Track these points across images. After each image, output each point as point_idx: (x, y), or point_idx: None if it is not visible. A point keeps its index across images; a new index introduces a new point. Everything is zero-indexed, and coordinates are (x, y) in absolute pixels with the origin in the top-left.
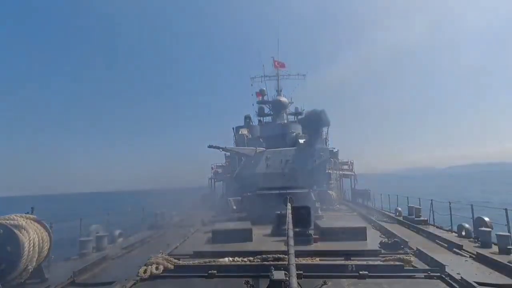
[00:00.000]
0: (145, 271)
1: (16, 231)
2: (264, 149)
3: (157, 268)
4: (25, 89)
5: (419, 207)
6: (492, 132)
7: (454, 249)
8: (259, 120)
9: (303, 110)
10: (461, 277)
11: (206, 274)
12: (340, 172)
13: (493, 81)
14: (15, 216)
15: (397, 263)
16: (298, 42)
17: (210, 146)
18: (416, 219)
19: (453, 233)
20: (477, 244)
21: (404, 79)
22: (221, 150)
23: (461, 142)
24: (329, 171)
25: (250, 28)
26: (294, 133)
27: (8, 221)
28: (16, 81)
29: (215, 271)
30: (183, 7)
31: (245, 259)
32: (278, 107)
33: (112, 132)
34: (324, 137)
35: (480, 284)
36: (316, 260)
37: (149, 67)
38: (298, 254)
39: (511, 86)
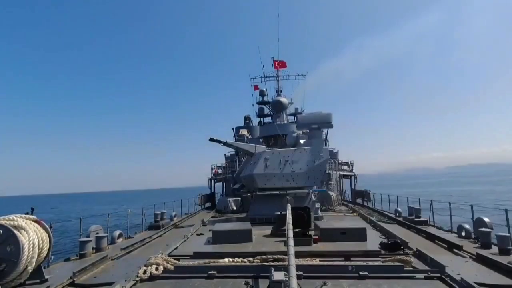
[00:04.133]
0: (144, 272)
1: (15, 231)
2: (264, 147)
3: (156, 269)
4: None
5: (419, 207)
6: (490, 133)
7: (454, 250)
8: (259, 121)
9: (303, 110)
10: (461, 277)
11: (206, 275)
12: (340, 172)
13: (493, 83)
14: (15, 216)
15: (397, 263)
16: (300, 38)
17: (211, 140)
18: (416, 219)
19: (453, 234)
20: (477, 245)
21: (406, 78)
22: (221, 144)
23: (459, 142)
24: (329, 172)
25: (250, 27)
26: (295, 134)
27: (7, 222)
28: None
29: (215, 272)
30: (183, 7)
31: (245, 260)
32: (278, 107)
33: (113, 135)
34: (324, 137)
35: (480, 284)
36: (316, 261)
37: (148, 67)
38: (298, 255)
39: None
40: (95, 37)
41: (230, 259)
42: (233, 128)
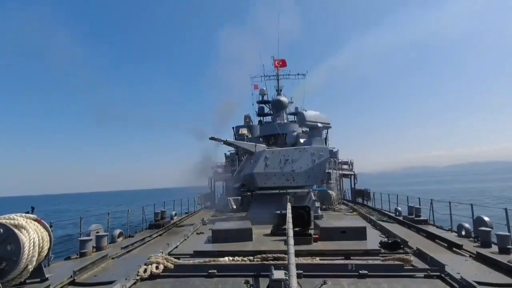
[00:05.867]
0: (145, 271)
1: (16, 230)
2: (264, 146)
3: (157, 268)
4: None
5: (419, 206)
6: (491, 131)
7: (454, 249)
8: (259, 120)
9: (303, 109)
10: (461, 276)
11: (206, 274)
12: (340, 171)
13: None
14: (15, 215)
15: (397, 262)
16: (301, 36)
17: (211, 138)
18: (416, 218)
19: (453, 233)
20: (477, 244)
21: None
22: (222, 143)
23: (459, 141)
24: (329, 171)
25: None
26: (295, 133)
27: (8, 221)
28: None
29: (215, 271)
30: (183, 6)
31: (245, 259)
32: (278, 106)
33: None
34: (324, 136)
35: (480, 283)
36: (316, 260)
37: (147, 66)
38: (298, 254)
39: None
40: (94, 35)
41: (230, 258)
42: (233, 127)
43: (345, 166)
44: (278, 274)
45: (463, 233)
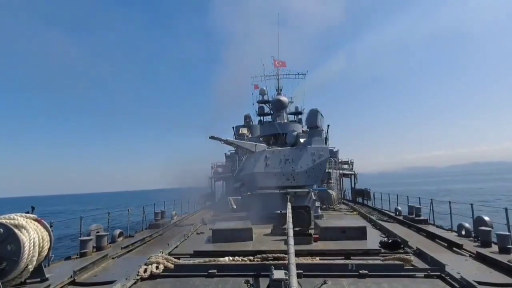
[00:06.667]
0: (145, 271)
1: (16, 230)
2: (264, 146)
3: (157, 268)
4: None
5: (419, 206)
6: (491, 132)
7: (454, 249)
8: (259, 120)
9: (303, 109)
10: (461, 276)
11: (206, 274)
12: (340, 171)
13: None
14: (15, 215)
15: (397, 262)
16: (301, 34)
17: (211, 137)
18: (416, 218)
19: (453, 233)
20: (477, 244)
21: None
22: (222, 142)
23: (458, 142)
24: (329, 171)
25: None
26: (295, 133)
27: (8, 221)
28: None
29: (215, 271)
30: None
31: (245, 259)
32: (278, 106)
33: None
34: (324, 136)
35: (480, 283)
36: (316, 260)
37: (145, 65)
38: (298, 254)
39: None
40: (90, 31)
41: (231, 258)
42: (233, 127)
43: (345, 166)
44: (278, 274)
45: (463, 232)
